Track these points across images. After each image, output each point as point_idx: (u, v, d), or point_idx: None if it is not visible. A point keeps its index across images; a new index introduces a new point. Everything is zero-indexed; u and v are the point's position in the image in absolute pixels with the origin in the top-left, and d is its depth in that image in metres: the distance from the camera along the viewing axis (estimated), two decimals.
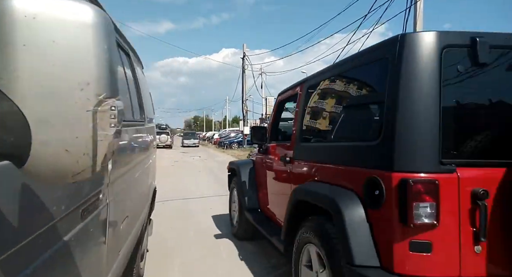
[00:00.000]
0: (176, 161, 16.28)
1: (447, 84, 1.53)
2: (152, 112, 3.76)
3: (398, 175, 1.49)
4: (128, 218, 1.93)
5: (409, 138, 1.52)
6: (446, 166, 1.48)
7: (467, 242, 1.47)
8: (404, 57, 1.56)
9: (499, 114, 1.65)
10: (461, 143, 1.57)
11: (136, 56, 3.26)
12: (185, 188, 8.10)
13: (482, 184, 1.47)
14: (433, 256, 1.46)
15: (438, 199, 1.44)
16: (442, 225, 1.45)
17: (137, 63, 3.17)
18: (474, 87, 1.62)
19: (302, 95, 2.77)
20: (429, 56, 1.53)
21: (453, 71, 1.55)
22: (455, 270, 1.46)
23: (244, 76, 23.51)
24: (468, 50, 1.55)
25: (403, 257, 1.48)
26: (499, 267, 1.48)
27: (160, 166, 13.87)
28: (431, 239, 1.46)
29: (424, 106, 1.52)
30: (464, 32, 1.58)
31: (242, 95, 24.20)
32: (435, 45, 1.54)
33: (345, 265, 1.63)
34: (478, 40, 1.53)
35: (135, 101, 2.41)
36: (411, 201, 1.43)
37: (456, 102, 1.59)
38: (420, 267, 1.46)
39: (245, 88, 23.86)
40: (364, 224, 1.65)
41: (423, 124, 1.51)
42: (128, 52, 2.57)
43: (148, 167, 2.88)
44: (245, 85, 23.75)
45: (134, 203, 2.15)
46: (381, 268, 1.54)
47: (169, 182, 8.98)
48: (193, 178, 9.73)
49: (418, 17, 11.12)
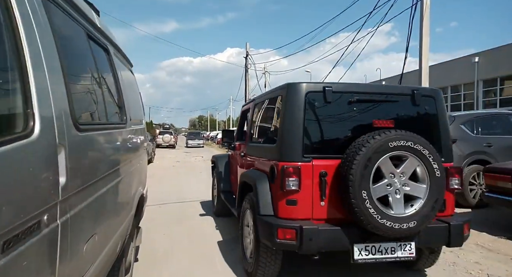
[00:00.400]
0: (178, 161, 16.10)
1: (308, 113, 2.73)
2: (140, 113, 3.53)
3: (281, 163, 2.65)
4: (97, 235, 1.69)
5: (287, 144, 2.74)
6: (306, 158, 2.67)
7: (316, 200, 2.64)
8: (288, 96, 2.80)
9: (336, 129, 2.87)
10: (314, 146, 2.78)
11: (121, 53, 3.03)
12: (183, 190, 7.88)
13: (325, 168, 2.64)
14: (298, 207, 2.62)
15: (300, 177, 2.60)
16: (302, 190, 2.61)
17: (121, 61, 2.94)
18: (323, 114, 2.79)
19: (251, 110, 4.14)
20: (300, 96, 2.74)
21: (312, 106, 2.75)
22: (309, 214, 2.63)
23: (247, 76, 23.25)
24: (321, 94, 2.75)
25: (283, 208, 2.65)
26: (335, 213, 2.66)
27: (161, 166, 13.72)
28: (296, 198, 2.62)
29: (293, 124, 2.72)
30: (319, 83, 2.92)
31: (245, 94, 23.94)
32: (303, 91, 2.75)
33: (257, 215, 2.79)
34: (326, 88, 2.75)
35: (111, 102, 2.18)
36: (285, 177, 2.58)
37: (308, 121, 2.73)
38: (291, 213, 2.63)
39: (248, 87, 23.60)
40: (267, 192, 2.81)
41: (294, 136, 2.71)
42: (106, 47, 2.34)
43: (132, 172, 2.65)
44: (248, 84, 23.49)
45: (107, 217, 1.91)
46: (273, 215, 2.70)
47: (168, 184, 8.79)
48: (193, 179, 9.51)
49: (425, 13, 10.78)
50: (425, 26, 10.39)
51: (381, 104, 2.91)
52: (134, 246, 3.18)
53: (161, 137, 28.56)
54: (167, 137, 28.80)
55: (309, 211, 2.64)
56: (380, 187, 2.48)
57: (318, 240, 2.49)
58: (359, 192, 2.40)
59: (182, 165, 14.49)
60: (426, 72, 10.73)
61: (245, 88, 23.69)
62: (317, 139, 2.81)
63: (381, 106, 2.91)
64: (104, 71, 2.19)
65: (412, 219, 2.47)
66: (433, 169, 2.52)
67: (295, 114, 2.71)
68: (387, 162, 2.48)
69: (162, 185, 8.56)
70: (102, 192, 1.74)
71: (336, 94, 2.79)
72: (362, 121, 2.82)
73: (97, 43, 2.13)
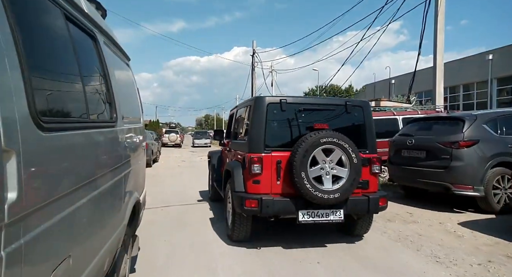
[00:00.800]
0: (183, 161, 15.86)
1: (269, 118, 3.75)
2: (137, 111, 3.24)
3: (249, 154, 3.65)
4: (72, 258, 1.39)
5: (254, 140, 3.73)
6: (266, 151, 3.67)
7: (273, 180, 3.63)
8: (255, 106, 3.82)
9: (288, 129, 3.85)
10: (272, 142, 3.77)
11: (116, 45, 2.73)
12: (188, 191, 7.59)
13: (280, 158, 3.63)
14: (261, 185, 3.62)
15: (262, 164, 3.61)
16: (263, 173, 3.62)
17: (114, 52, 2.64)
18: (279, 119, 3.84)
19: (234, 114, 5.32)
20: (263, 106, 3.75)
21: (272, 113, 3.76)
22: (268, 190, 3.62)
23: (253, 74, 22.91)
24: (278, 104, 3.77)
25: (250, 186, 3.65)
26: (286, 189, 3.62)
27: (166, 166, 13.49)
28: (259, 179, 3.62)
29: (259, 126, 3.73)
30: (277, 97, 3.91)
31: (251, 93, 23.60)
32: (266, 102, 3.78)
33: (233, 192, 3.81)
34: (282, 101, 3.77)
35: (96, 97, 1.88)
36: (251, 164, 3.59)
37: (269, 124, 3.78)
38: (256, 189, 3.62)
39: (254, 86, 23.27)
40: (241, 175, 3.79)
41: (258, 134, 3.73)
42: (93, 35, 2.03)
43: (124, 178, 2.35)
44: (254, 83, 23.15)
45: (88, 234, 1.62)
46: (244, 191, 3.69)
47: (173, 184, 8.53)
48: (198, 180, 9.24)
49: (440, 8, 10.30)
50: (439, 21, 9.93)
51: (322, 111, 4.04)
52: (129, 257, 2.89)
53: (167, 136, 28.40)
54: (173, 136, 28.63)
55: (268, 188, 3.67)
56: (315, 170, 3.57)
57: (273, 207, 3.58)
58: (299, 174, 3.47)
59: (187, 164, 14.25)
60: (441, 69, 10.27)
61: (252, 86, 23.36)
62: (274, 137, 3.84)
63: (322, 113, 4.03)
64: (88, 61, 1.89)
65: (337, 192, 3.54)
66: (352, 157, 3.59)
67: (260, 119, 3.78)
68: (320, 153, 3.57)
69: (165, 186, 8.31)
70: (78, 205, 1.44)
71: (289, 104, 3.84)
72: (307, 124, 3.87)
73: (81, 28, 1.83)
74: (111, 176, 1.94)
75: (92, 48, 2.03)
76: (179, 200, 6.55)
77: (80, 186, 1.45)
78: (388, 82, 31.27)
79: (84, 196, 1.52)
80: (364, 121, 3.99)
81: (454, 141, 5.37)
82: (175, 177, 10.10)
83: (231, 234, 4.02)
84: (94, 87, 1.87)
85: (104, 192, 1.84)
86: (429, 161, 5.66)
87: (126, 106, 2.66)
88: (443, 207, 5.83)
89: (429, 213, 5.52)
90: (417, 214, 5.48)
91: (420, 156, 5.86)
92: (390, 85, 30.12)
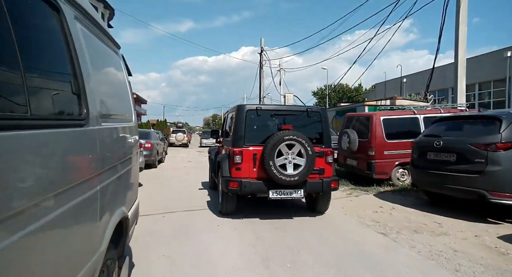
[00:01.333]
0: (189, 161, 15.40)
1: (248, 121, 5.04)
2: (127, 107, 2.73)
3: (233, 148, 4.94)
4: None
5: (236, 138, 5.01)
6: (245, 146, 4.94)
7: (251, 167, 4.90)
8: (237, 112, 5.13)
9: (262, 130, 5.13)
10: (250, 139, 4.99)
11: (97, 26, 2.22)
12: (193, 195, 7.09)
13: (255, 151, 4.90)
14: (241, 171, 4.89)
15: (242, 155, 4.89)
16: (243, 162, 4.89)
17: (94, 33, 2.13)
18: (256, 122, 5.12)
19: (226, 117, 6.65)
20: (243, 112, 5.06)
21: (250, 117, 5.06)
22: (247, 175, 4.89)
23: (261, 72, 22.35)
24: (255, 111, 5.09)
25: (233, 172, 4.92)
26: (260, 174, 4.87)
27: (171, 167, 13.02)
28: (240, 167, 4.89)
29: (240, 127, 5.02)
30: (254, 105, 5.23)
31: (259, 92, 23.06)
32: (245, 109, 5.10)
33: (221, 177, 5.09)
34: (258, 108, 5.11)
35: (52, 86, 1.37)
36: (233, 156, 4.89)
37: (247, 125, 5.02)
38: (237, 174, 4.89)
39: (262, 84, 22.71)
40: (227, 164, 5.03)
41: (239, 133, 5.00)
42: (56, 4, 1.53)
43: (102, 192, 1.84)
44: (262, 81, 22.59)
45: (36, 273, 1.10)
46: (229, 176, 4.93)
47: (176, 187, 8.03)
48: (204, 182, 8.76)
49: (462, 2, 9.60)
50: (462, 10, 9.22)
51: (289, 116, 5.24)
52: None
53: (174, 135, 28.07)
54: (180, 136, 28.27)
55: (247, 173, 4.88)
56: (280, 160, 4.76)
57: (250, 187, 4.80)
58: (268, 162, 4.67)
59: (193, 165, 13.77)
60: (463, 64, 9.59)
61: (260, 85, 22.82)
62: (251, 136, 5.00)
63: (289, 117, 5.22)
64: (40, 38, 1.38)
65: (296, 176, 4.71)
66: (308, 150, 4.73)
67: (240, 122, 5.00)
68: (284, 147, 4.74)
69: (169, 189, 7.83)
70: (16, 237, 0.93)
71: (263, 111, 5.13)
72: (277, 125, 5.14)
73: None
74: (76, 192, 1.43)
75: (55, 23, 1.53)
76: (183, 205, 6.06)
77: (16, 213, 0.94)
78: (399, 80, 30.40)
79: (28, 223, 1.01)
80: (321, 123, 5.24)
81: (490, 143, 4.76)
82: (180, 178, 9.63)
83: (221, 209, 5.30)
84: (46, 72, 1.36)
85: (66, 214, 1.33)
86: (460, 165, 5.05)
87: (109, 101, 2.16)
88: (475, 216, 5.21)
89: (461, 224, 4.91)
90: (447, 225, 4.88)
91: (450, 160, 5.25)
92: (402, 84, 29.27)
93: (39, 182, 1.15)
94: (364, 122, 7.96)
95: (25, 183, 1.05)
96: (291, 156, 4.76)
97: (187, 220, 5.12)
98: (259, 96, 23.22)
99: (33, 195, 1.09)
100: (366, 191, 7.35)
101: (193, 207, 5.91)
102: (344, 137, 8.29)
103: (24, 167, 1.06)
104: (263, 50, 22.08)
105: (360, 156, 7.88)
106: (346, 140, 8.16)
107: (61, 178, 1.30)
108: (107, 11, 37.06)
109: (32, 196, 1.08)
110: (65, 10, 1.62)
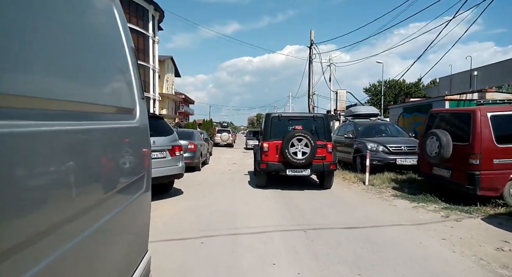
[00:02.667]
0: (234, 164, 14.45)
1: (272, 123, 8.27)
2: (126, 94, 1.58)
3: (263, 142, 8.20)
4: None
5: (265, 135, 8.25)
6: (271, 140, 8.05)
7: (274, 154, 7.92)
8: (266, 118, 8.63)
9: (282, 129, 8.12)
10: (273, 136, 8.06)
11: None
12: (239, 209, 5.96)
13: (277, 144, 7.88)
14: (268, 157, 7.93)
15: (269, 146, 7.97)
16: (269, 151, 7.95)
17: None
18: (278, 124, 8.25)
19: (262, 121, 10.52)
20: (270, 118, 8.39)
21: (274, 121, 8.31)
22: (272, 159, 7.93)
23: (311, 67, 20.77)
24: (278, 117, 8.43)
25: (263, 157, 7.98)
26: (280, 159, 7.85)
27: (215, 170, 12.06)
28: (268, 154, 7.94)
29: (267, 127, 8.24)
30: (278, 113, 9.26)
31: (308, 88, 21.49)
32: (271, 116, 8.46)
33: (256, 160, 8.76)
34: (278, 115, 8.54)
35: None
36: (263, 146, 8.04)
37: (272, 126, 8.20)
38: (265, 159, 7.94)
39: (312, 80, 21.11)
40: (259, 152, 8.26)
41: (267, 132, 8.20)
42: None
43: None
44: (312, 77, 20.99)
45: None
46: (260, 160, 8.06)
47: (219, 197, 6.99)
48: (251, 192, 7.60)
49: None
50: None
51: (301, 120, 8.25)
52: None
53: (219, 135, 27.63)
54: (225, 136, 27.75)
55: (271, 158, 7.81)
56: (293, 149, 7.57)
57: (274, 167, 7.82)
58: (285, 151, 7.53)
59: (238, 168, 12.78)
60: None
61: (308, 81, 21.25)
62: (274, 133, 7.97)
63: (301, 120, 8.22)
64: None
65: (303, 159, 7.53)
66: (312, 143, 7.50)
67: (268, 125, 8.16)
68: (295, 140, 7.55)
69: (210, 200, 6.77)
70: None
71: (283, 117, 8.37)
72: (292, 126, 8.06)
73: None
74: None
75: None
76: (227, 226, 4.88)
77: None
78: (468, 73, 26.93)
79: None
80: (324, 125, 8.07)
81: None
82: (224, 186, 8.56)
83: (256, 182, 8.30)
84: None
85: None
86: None
87: (71, 82, 1.02)
88: None
89: None
90: None
91: None
92: (472, 77, 25.82)
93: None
94: (461, 121, 6.21)
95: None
96: (300, 146, 7.54)
97: (229, 248, 3.95)
98: (308, 94, 21.66)
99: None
100: (468, 213, 5.59)
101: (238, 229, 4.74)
102: (432, 140, 6.57)
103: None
104: (313, 43, 20.50)
105: (456, 165, 6.13)
106: (436, 144, 6.41)
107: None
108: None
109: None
110: None
